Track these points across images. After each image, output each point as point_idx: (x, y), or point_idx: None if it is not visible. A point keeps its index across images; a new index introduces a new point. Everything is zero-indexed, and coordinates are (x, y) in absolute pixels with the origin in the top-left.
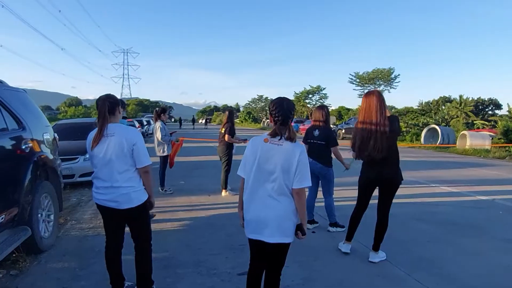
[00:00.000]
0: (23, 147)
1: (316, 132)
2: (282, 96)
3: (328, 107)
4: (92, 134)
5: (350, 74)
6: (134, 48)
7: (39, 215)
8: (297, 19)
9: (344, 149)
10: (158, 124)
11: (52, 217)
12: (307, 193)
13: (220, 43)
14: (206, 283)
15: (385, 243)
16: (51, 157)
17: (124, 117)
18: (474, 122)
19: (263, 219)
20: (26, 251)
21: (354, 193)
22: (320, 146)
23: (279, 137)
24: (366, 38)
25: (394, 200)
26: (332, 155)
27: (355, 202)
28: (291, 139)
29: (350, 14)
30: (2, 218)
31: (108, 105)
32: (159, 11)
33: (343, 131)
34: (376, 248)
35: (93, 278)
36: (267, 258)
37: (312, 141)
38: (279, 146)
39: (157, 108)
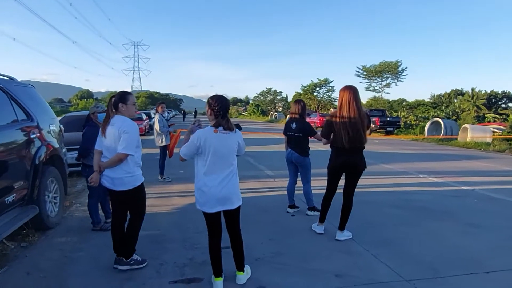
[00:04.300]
0: (31, 136)
1: (293, 125)
2: (219, 94)
3: (305, 101)
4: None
5: (357, 67)
6: (144, 40)
7: (46, 196)
8: (309, 11)
9: None
10: (157, 116)
11: (58, 199)
12: (288, 181)
13: (232, 34)
14: (188, 254)
15: (356, 226)
16: (56, 146)
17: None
18: (486, 115)
19: (225, 195)
20: (35, 227)
21: None
22: (297, 137)
23: (221, 128)
24: (375, 30)
25: (373, 189)
26: (320, 146)
27: None
28: (230, 129)
29: (359, 5)
30: (13, 197)
31: (113, 102)
32: (169, 3)
33: None
34: (342, 227)
35: (91, 250)
36: (227, 222)
37: (290, 133)
38: (227, 134)
39: (159, 102)
